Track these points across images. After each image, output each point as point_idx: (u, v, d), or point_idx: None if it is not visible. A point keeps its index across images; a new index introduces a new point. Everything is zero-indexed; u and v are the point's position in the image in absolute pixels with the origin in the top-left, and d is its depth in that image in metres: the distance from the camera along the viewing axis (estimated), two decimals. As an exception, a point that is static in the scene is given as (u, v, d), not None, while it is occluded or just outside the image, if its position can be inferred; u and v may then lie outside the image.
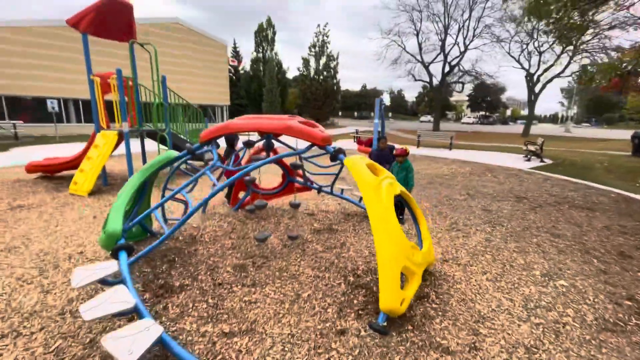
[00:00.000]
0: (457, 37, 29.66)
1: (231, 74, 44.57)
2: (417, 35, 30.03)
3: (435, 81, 32.03)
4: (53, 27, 18.23)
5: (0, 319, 2.42)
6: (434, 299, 2.83)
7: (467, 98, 62.63)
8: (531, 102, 27.38)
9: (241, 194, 5.41)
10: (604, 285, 3.18)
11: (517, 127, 39.43)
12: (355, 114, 74.25)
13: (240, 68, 43.87)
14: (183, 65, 24.97)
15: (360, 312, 2.61)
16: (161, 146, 7.63)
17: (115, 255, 2.70)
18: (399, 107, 75.82)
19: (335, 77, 35.36)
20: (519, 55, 26.77)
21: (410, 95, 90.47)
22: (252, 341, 2.27)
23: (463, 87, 39.23)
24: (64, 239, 4.01)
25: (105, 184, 6.80)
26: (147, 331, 1.87)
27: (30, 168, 7.14)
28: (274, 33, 36.96)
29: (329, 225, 4.71)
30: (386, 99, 71.81)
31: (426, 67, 30.85)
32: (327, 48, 34.05)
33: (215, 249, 3.83)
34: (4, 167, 8.54)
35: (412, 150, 13.14)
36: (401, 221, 4.84)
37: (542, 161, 11.71)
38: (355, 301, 2.76)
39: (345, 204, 5.72)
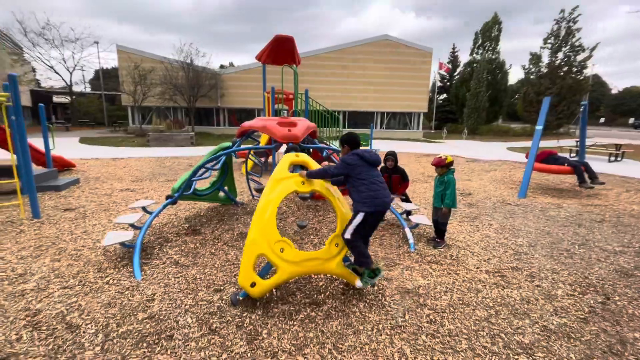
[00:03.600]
0: None
1: (446, 80, 43.55)
2: None
3: None
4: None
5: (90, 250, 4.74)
6: None
7: None
8: None
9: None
10: None
11: None
12: (632, 120, 52.01)
13: (455, 74, 42.14)
14: (387, 77, 27.51)
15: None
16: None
17: (167, 198, 4.40)
18: None
19: (581, 72, 26.72)
20: None
21: None
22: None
23: None
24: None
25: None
26: (125, 235, 3.35)
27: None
28: (499, 30, 32.59)
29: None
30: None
31: None
32: (574, 37, 26.22)
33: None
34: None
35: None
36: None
37: None
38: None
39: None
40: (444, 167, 3.96)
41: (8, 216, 4.88)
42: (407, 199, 5.26)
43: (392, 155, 5.04)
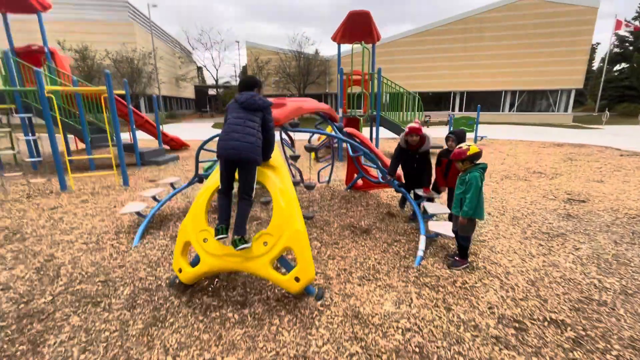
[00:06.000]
0: None
1: (627, 44, 31.88)
2: None
3: None
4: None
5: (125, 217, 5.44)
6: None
7: None
8: None
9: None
10: None
11: None
12: None
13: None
14: (523, 46, 22.19)
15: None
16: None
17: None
18: None
19: None
20: None
21: None
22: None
23: None
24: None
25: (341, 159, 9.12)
26: (140, 206, 3.86)
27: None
28: None
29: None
30: None
31: None
32: None
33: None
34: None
35: None
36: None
37: None
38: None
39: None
40: (465, 160, 2.84)
41: (111, 183, 6.40)
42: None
43: (454, 135, 3.81)
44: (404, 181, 4.44)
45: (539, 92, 23.55)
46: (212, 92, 43.90)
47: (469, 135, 13.97)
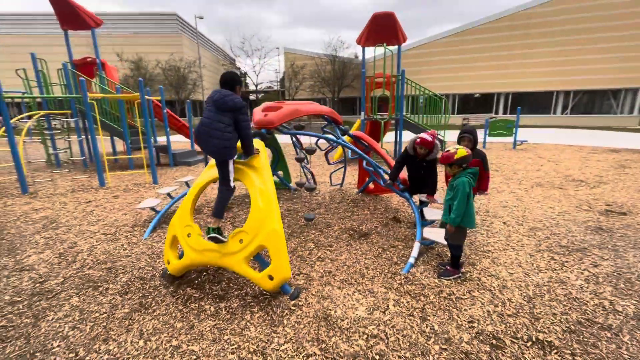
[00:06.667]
0: None
1: None
2: None
3: None
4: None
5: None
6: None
7: None
8: None
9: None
10: None
11: None
12: None
13: None
14: (582, 42, 20.17)
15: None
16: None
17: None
18: None
19: None
20: None
21: None
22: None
23: None
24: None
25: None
26: (155, 202, 4.19)
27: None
28: None
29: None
30: None
31: None
32: None
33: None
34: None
35: None
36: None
37: None
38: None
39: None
40: (453, 164, 2.68)
41: (142, 181, 6.99)
42: None
43: (469, 134, 3.45)
44: (409, 185, 4.29)
45: (598, 92, 21.21)
46: (252, 97, 45.89)
47: (509, 140, 13.03)
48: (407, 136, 9.47)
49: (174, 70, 26.72)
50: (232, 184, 2.63)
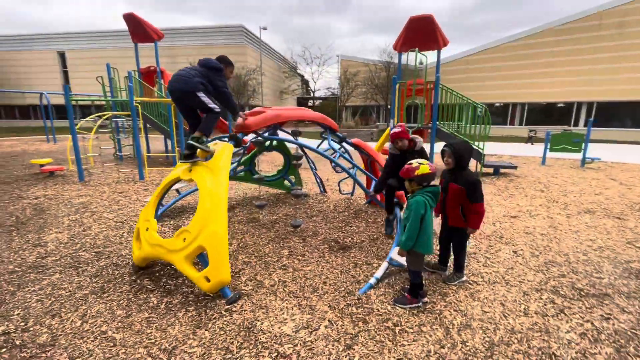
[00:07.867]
0: None
1: None
2: None
3: None
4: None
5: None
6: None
7: None
8: None
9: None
10: None
11: None
12: None
13: None
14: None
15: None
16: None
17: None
18: None
19: None
20: None
21: None
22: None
23: None
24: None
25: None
26: None
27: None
28: None
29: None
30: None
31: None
32: None
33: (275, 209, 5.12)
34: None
35: None
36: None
37: None
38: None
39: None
40: (412, 181, 2.37)
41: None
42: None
43: (450, 148, 2.64)
44: (405, 202, 3.96)
45: None
46: (310, 103, 47.22)
47: (577, 156, 11.09)
48: (439, 147, 8.79)
49: (236, 77, 28.88)
50: (215, 109, 2.89)
